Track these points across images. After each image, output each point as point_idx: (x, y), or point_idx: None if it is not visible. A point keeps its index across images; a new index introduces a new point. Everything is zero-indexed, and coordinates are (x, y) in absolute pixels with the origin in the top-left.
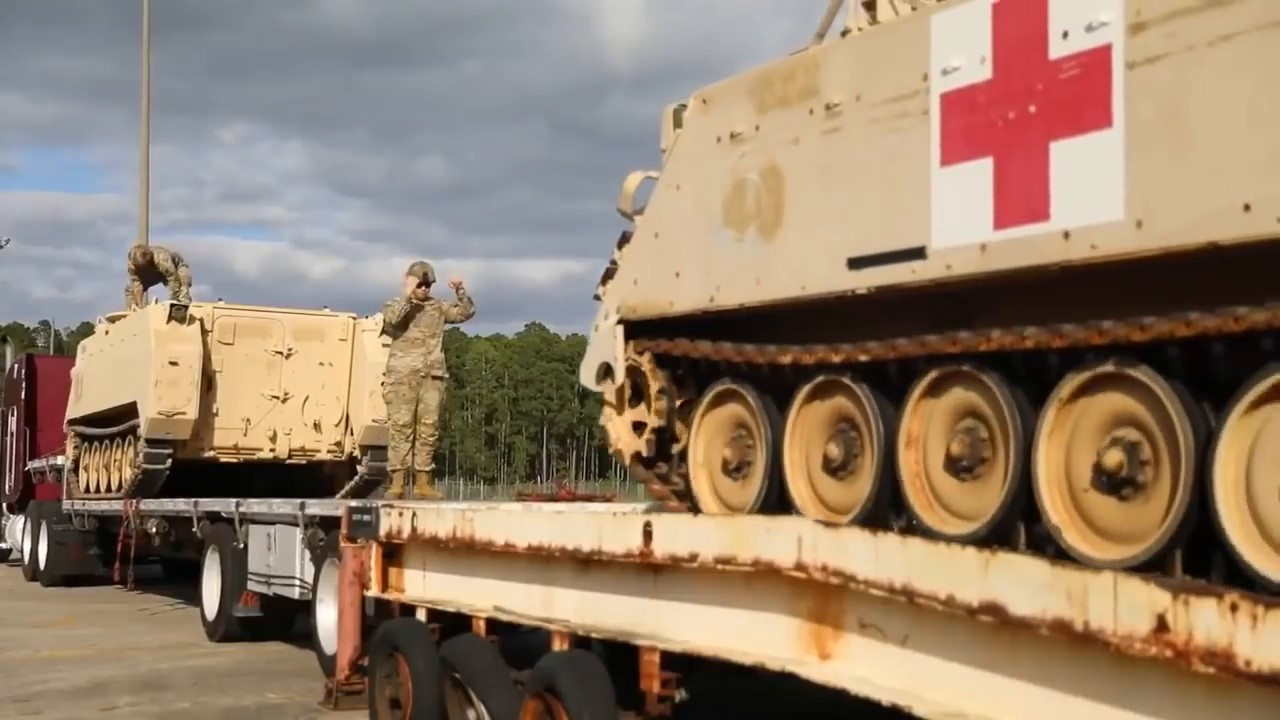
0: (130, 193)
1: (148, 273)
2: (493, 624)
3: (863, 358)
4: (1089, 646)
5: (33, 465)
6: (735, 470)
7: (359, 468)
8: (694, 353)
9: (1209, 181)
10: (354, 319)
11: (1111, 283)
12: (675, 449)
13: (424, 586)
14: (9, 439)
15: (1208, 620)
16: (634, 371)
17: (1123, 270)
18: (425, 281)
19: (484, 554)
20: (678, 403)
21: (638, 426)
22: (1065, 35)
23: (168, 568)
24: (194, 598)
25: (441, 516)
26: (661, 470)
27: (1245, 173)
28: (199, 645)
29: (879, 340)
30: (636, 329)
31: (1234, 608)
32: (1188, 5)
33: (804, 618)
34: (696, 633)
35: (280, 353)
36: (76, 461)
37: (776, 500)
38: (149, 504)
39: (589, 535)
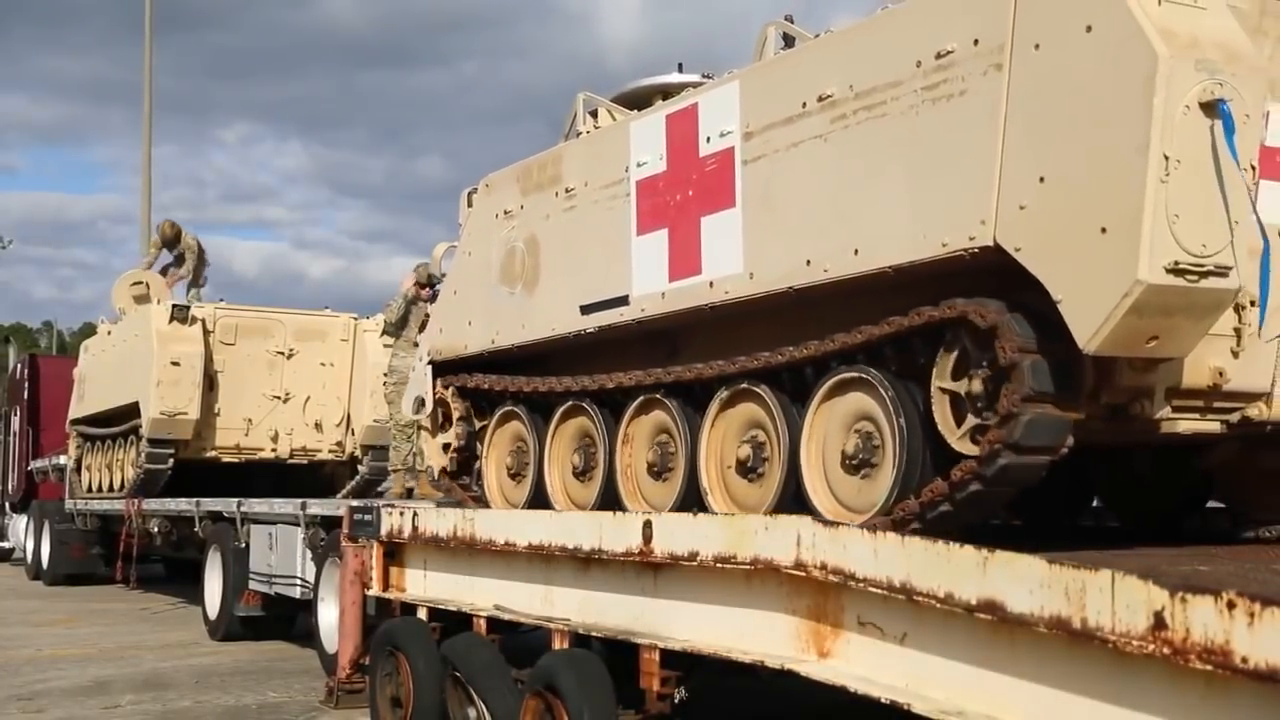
0: (131, 193)
1: (173, 245)
2: (493, 623)
3: (589, 385)
4: (1087, 644)
5: (35, 465)
6: (515, 475)
7: (360, 467)
8: (481, 384)
9: (787, 244)
10: (355, 319)
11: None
12: (477, 465)
13: (425, 586)
14: (12, 439)
15: (1205, 618)
16: (442, 402)
17: (772, 309)
18: (429, 283)
19: (484, 553)
20: (477, 426)
21: (446, 447)
22: (709, 139)
23: (169, 567)
24: (196, 597)
25: (442, 516)
26: (465, 482)
27: (805, 238)
28: (201, 644)
29: (605, 373)
30: (442, 368)
31: (1231, 605)
32: (774, 120)
33: (803, 616)
34: (696, 631)
35: (282, 353)
36: (79, 461)
37: (543, 499)
38: (151, 503)
39: (589, 535)
